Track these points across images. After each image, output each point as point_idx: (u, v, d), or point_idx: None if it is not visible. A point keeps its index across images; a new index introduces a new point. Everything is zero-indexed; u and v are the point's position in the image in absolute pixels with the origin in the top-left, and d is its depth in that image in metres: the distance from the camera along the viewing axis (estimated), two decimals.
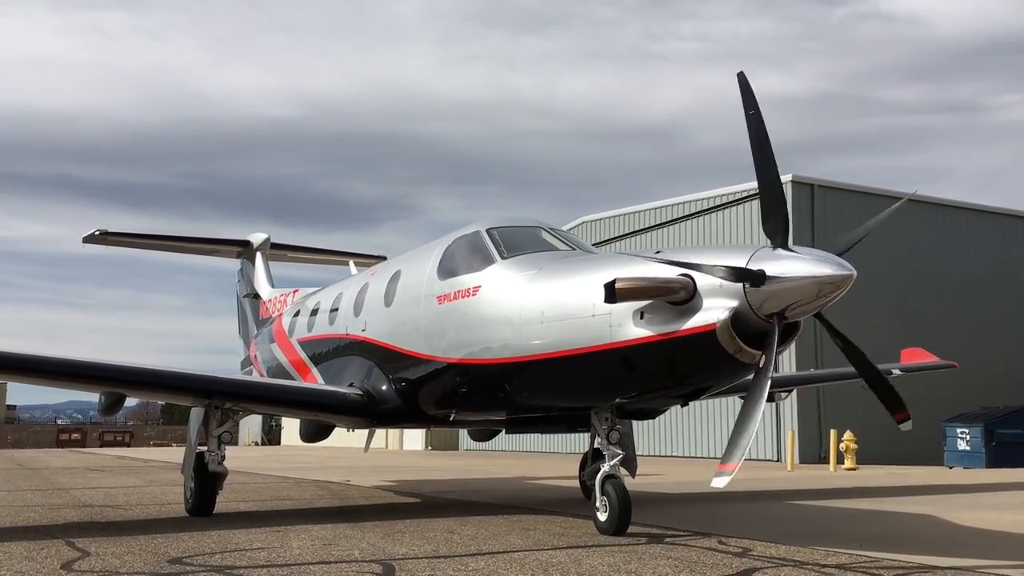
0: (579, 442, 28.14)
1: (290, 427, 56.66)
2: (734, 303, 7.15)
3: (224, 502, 11.79)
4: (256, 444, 62.80)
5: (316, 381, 13.68)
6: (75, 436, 75.17)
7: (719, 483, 6.66)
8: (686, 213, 30.68)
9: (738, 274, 7.06)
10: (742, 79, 7.32)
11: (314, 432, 13.56)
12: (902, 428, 8.37)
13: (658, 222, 32.33)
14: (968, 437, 23.43)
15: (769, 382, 7.14)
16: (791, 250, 7.10)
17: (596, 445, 10.91)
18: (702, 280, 7.34)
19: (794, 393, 24.04)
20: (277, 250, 21.15)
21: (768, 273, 6.97)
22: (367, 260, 19.68)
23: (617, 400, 8.80)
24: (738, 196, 28.85)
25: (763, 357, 7.21)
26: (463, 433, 39.11)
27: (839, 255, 7.19)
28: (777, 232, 7.23)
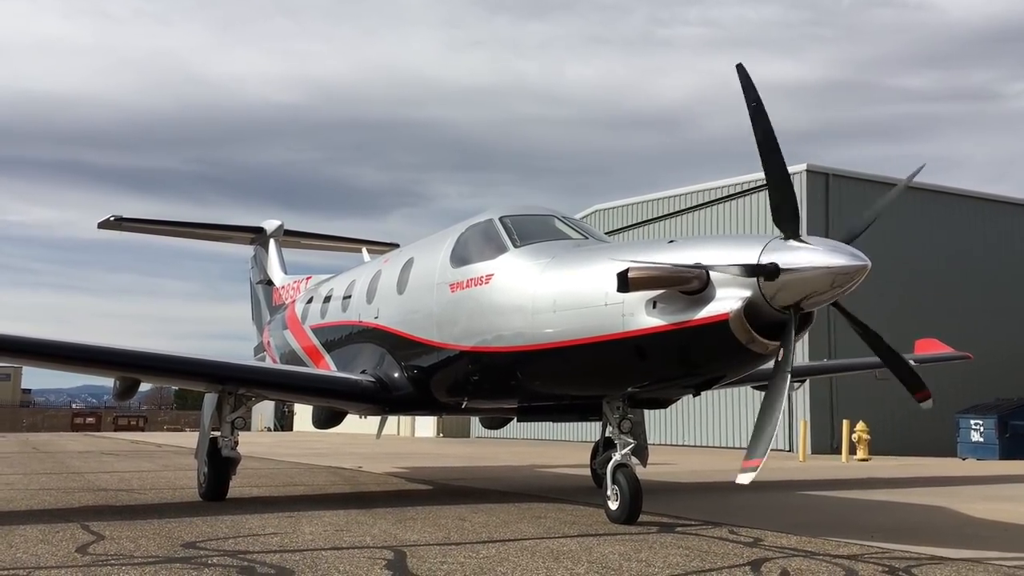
0: (591, 430, 28.16)
1: (303, 413, 56.92)
2: (747, 293, 7.13)
3: (237, 487, 11.86)
4: (268, 430, 63.13)
5: (329, 368, 13.73)
6: (90, 420, 75.89)
7: (744, 479, 6.70)
8: (699, 202, 30.58)
9: (751, 268, 7.04)
10: (741, 71, 7.20)
11: (327, 418, 13.61)
12: (923, 407, 8.43)
13: (671, 211, 32.25)
14: (982, 428, 23.33)
15: (789, 376, 7.07)
16: (804, 241, 7.07)
17: (608, 434, 10.91)
18: (715, 269, 7.33)
19: (807, 383, 23.99)
20: (290, 237, 21.21)
21: (781, 265, 6.95)
22: (380, 247, 19.72)
23: (629, 389, 8.80)
24: (752, 185, 28.74)
25: (781, 351, 7.17)
26: (475, 420, 39.19)
27: (849, 243, 7.16)
28: (788, 222, 7.18)
